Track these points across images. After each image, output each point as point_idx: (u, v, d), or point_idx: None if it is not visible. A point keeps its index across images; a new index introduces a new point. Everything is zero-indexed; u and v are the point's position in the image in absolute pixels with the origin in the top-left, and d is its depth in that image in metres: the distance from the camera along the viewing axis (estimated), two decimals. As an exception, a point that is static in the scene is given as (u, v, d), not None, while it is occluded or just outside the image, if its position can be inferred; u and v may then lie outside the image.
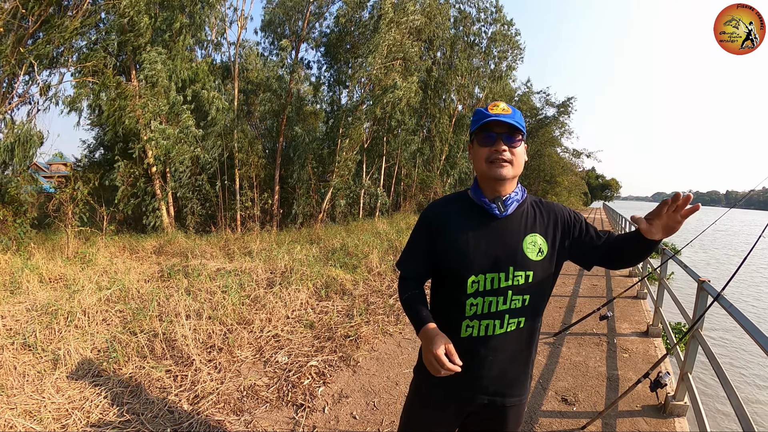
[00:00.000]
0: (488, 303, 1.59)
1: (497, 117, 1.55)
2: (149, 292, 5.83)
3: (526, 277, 1.59)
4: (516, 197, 1.65)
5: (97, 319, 4.83)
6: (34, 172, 10.96)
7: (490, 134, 1.57)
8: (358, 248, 10.04)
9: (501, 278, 1.58)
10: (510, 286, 1.58)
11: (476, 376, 1.63)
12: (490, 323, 1.59)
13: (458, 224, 1.67)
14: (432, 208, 1.79)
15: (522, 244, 1.61)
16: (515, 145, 1.59)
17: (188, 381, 3.87)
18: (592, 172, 72.12)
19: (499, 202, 1.62)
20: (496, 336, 1.60)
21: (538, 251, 1.61)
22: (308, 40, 18.08)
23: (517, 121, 1.57)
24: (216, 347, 4.59)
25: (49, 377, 3.69)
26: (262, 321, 5.37)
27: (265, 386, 3.97)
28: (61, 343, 4.16)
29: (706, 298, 3.77)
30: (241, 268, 7.67)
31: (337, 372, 4.38)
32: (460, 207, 1.71)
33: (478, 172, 1.66)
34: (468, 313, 1.60)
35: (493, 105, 1.61)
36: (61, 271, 6.67)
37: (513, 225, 1.63)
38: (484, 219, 1.65)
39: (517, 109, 1.63)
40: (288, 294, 6.25)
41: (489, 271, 1.59)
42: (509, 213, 1.64)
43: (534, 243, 1.62)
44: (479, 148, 1.61)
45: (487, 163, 1.59)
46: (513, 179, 1.63)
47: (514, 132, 1.58)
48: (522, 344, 1.67)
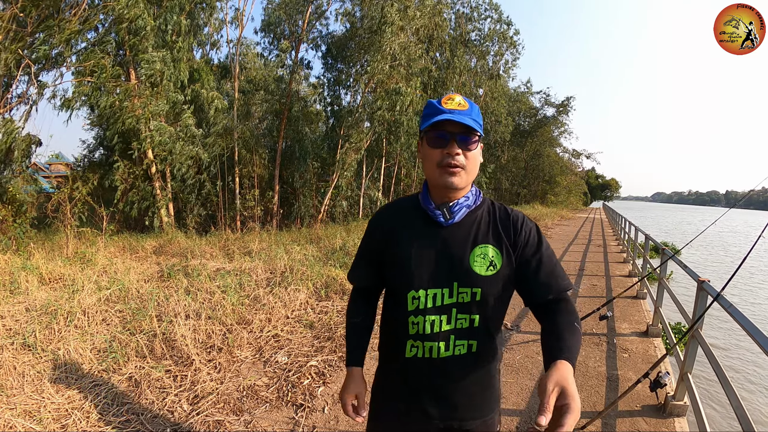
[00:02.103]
0: (430, 322, 1.41)
1: (452, 115, 1.33)
2: (149, 292, 5.82)
3: (472, 294, 1.39)
4: (466, 203, 1.44)
5: (96, 319, 4.83)
6: (33, 173, 10.97)
7: (443, 134, 1.36)
8: (358, 248, 10.03)
9: (444, 295, 1.40)
10: (454, 304, 1.40)
11: (427, 399, 1.47)
12: (434, 345, 1.41)
13: (402, 233, 1.49)
14: (380, 214, 1.61)
15: (469, 256, 1.39)
16: (471, 148, 1.38)
17: (188, 381, 3.86)
18: (591, 172, 72.17)
19: (445, 208, 1.43)
20: (443, 359, 1.42)
21: (489, 265, 1.39)
22: (308, 40, 18.09)
23: (474, 119, 1.37)
24: (216, 347, 4.59)
25: (49, 377, 3.69)
26: (262, 321, 5.37)
27: (264, 386, 3.97)
28: (60, 343, 4.17)
29: (706, 298, 3.77)
30: (241, 268, 7.68)
31: (337, 372, 4.37)
32: (408, 213, 1.51)
33: (428, 177, 1.45)
34: (411, 332, 1.43)
35: (447, 98, 1.40)
36: (61, 271, 6.67)
37: (460, 234, 1.42)
38: (430, 228, 1.45)
39: (474, 104, 1.42)
40: (288, 294, 6.25)
41: (431, 286, 1.40)
42: (456, 221, 1.43)
43: (484, 255, 1.40)
44: (429, 149, 1.40)
45: (438, 168, 1.38)
46: (466, 186, 1.42)
47: (470, 132, 1.37)
48: (477, 369, 1.46)
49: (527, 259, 1.41)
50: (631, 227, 13.06)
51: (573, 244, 16.55)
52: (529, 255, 1.41)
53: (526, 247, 1.42)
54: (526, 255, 1.41)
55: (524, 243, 1.42)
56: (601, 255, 13.97)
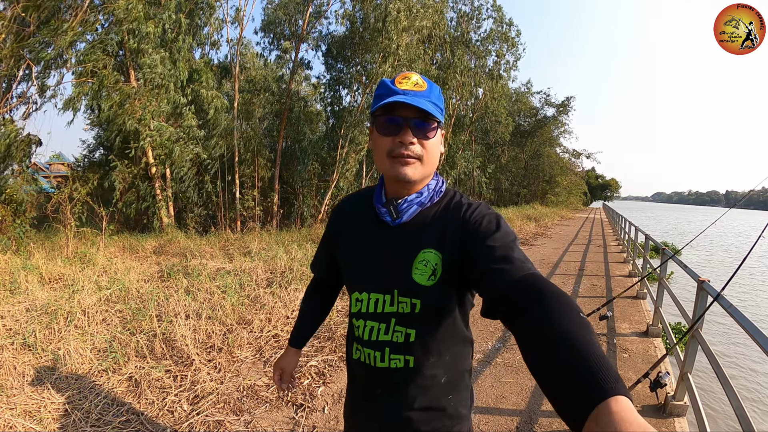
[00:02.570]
0: (369, 328, 1.29)
1: (405, 97, 1.15)
2: (149, 292, 5.82)
3: (412, 305, 1.23)
4: (418, 199, 1.26)
5: (96, 319, 4.83)
6: (33, 173, 10.97)
7: (394, 119, 1.18)
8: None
9: (386, 302, 1.27)
10: (394, 314, 1.26)
11: (370, 404, 1.36)
12: (371, 353, 1.29)
13: (350, 230, 1.39)
14: (339, 205, 1.51)
15: (412, 262, 1.22)
16: (428, 136, 1.20)
17: (188, 381, 3.86)
18: (591, 172, 72.22)
19: (392, 206, 1.26)
20: (379, 369, 1.29)
21: (431, 274, 1.20)
22: (310, 39, 18.08)
23: (433, 101, 1.19)
24: (216, 347, 4.59)
25: (49, 377, 3.70)
26: (262, 321, 5.37)
27: (264, 386, 3.97)
28: (60, 343, 4.17)
29: (706, 298, 3.77)
30: (241, 268, 7.68)
31: (337, 372, 4.37)
32: (362, 208, 1.39)
33: (378, 168, 1.28)
34: (355, 334, 1.35)
35: (403, 77, 1.21)
36: (61, 271, 6.67)
37: (406, 237, 1.26)
38: (378, 227, 1.31)
39: (434, 84, 1.24)
40: (287, 294, 6.25)
41: (372, 290, 1.29)
42: (405, 220, 1.26)
43: (426, 262, 1.21)
44: (379, 137, 1.22)
45: (388, 159, 1.20)
46: (422, 180, 1.25)
47: (428, 118, 1.18)
48: (420, 388, 1.28)
49: (473, 249, 1.12)
50: (631, 227, 13.07)
51: (573, 244, 16.54)
52: (477, 245, 1.12)
53: (474, 239, 1.14)
54: (473, 246, 1.13)
55: (471, 236, 1.15)
56: (601, 255, 13.97)
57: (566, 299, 0.84)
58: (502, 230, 1.12)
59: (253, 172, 16.54)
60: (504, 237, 1.09)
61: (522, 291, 0.92)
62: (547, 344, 0.75)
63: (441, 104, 1.23)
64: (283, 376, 1.68)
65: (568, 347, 0.72)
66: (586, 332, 0.74)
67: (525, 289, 0.92)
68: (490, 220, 1.16)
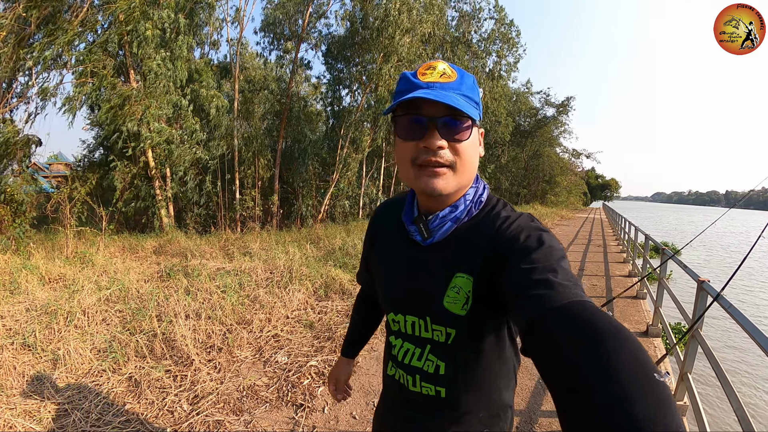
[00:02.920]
0: (405, 350, 1.17)
1: (430, 91, 0.94)
2: (149, 292, 5.82)
3: (446, 335, 1.07)
4: (452, 215, 1.06)
5: (96, 319, 4.83)
6: (33, 173, 10.97)
7: (418, 119, 0.96)
8: (358, 248, 10.02)
9: (422, 326, 1.12)
10: (429, 340, 1.11)
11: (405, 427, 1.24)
12: (404, 375, 1.18)
13: (382, 244, 1.26)
14: (375, 213, 1.36)
15: (444, 288, 1.04)
16: (460, 137, 0.97)
17: (188, 381, 3.86)
18: (591, 172, 72.30)
19: (422, 224, 1.08)
20: (412, 392, 1.17)
21: (464, 302, 1.02)
22: (311, 38, 18.09)
23: (465, 94, 0.97)
24: (215, 347, 4.59)
25: (49, 377, 3.70)
26: (262, 321, 5.37)
27: (264, 386, 3.97)
28: (60, 343, 4.16)
29: (706, 298, 3.77)
30: (241, 268, 7.67)
31: (337, 372, 4.38)
32: (394, 219, 1.21)
33: (403, 179, 1.07)
34: (392, 352, 1.23)
35: (427, 67, 1.00)
36: (61, 271, 6.67)
37: (437, 259, 1.07)
38: (409, 245, 1.13)
39: (466, 72, 1.01)
40: (287, 294, 6.25)
41: (408, 312, 1.14)
42: (437, 240, 1.08)
43: (458, 289, 1.02)
44: (401, 142, 1.01)
45: (413, 168, 1.00)
46: (457, 192, 1.04)
47: (459, 115, 0.95)
48: (454, 420, 1.15)
49: (506, 271, 0.91)
50: (630, 227, 13.07)
51: (573, 244, 16.55)
52: (511, 265, 0.90)
53: (508, 258, 0.92)
54: (507, 268, 0.91)
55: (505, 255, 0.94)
56: (601, 255, 13.97)
57: (634, 346, 0.61)
58: (545, 247, 0.89)
59: (253, 172, 16.55)
60: (546, 256, 0.87)
61: (563, 324, 0.70)
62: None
63: (476, 97, 1.01)
64: (338, 386, 1.64)
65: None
66: (666, 414, 0.51)
67: (569, 323, 0.70)
68: (529, 234, 0.94)
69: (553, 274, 0.81)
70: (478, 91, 1.02)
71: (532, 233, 0.94)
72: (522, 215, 1.03)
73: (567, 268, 0.84)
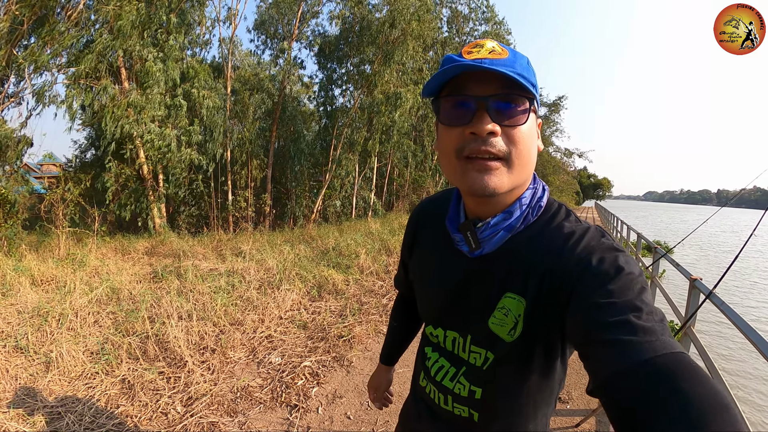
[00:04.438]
0: (439, 366, 1.07)
1: (477, 63, 0.78)
2: (141, 294, 5.80)
3: (484, 359, 0.95)
4: (506, 222, 0.90)
5: (89, 321, 4.80)
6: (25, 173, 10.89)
7: (464, 102, 0.81)
8: (351, 248, 10.02)
9: (461, 344, 1.00)
10: (465, 362, 1.00)
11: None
12: (435, 392, 1.08)
13: (426, 248, 1.13)
14: (416, 212, 1.22)
15: (492, 307, 0.91)
16: (517, 120, 0.81)
17: (181, 383, 3.86)
18: (584, 172, 72.56)
19: (469, 232, 0.92)
20: (444, 409, 1.07)
21: (512, 327, 0.88)
22: (301, 39, 18.06)
23: (519, 73, 0.79)
24: (209, 348, 4.59)
25: (42, 380, 3.68)
26: (255, 322, 5.37)
27: (258, 387, 3.97)
28: (53, 345, 4.14)
29: (698, 295, 3.81)
30: (234, 268, 7.65)
31: (331, 372, 4.38)
32: (439, 221, 1.06)
33: (447, 175, 0.89)
34: (425, 363, 1.13)
35: (473, 45, 0.84)
36: (53, 272, 6.62)
37: (487, 274, 0.93)
38: (453, 255, 1.00)
39: (519, 52, 0.84)
40: (281, 294, 6.25)
41: (450, 327, 1.03)
42: (486, 252, 0.92)
43: (506, 311, 0.89)
44: (444, 129, 0.86)
45: (458, 160, 0.84)
46: (512, 191, 0.87)
47: (513, 95, 0.80)
48: None
49: (577, 305, 0.76)
50: (623, 226, 13.14)
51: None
52: (582, 298, 0.76)
53: (579, 288, 0.77)
54: (577, 300, 0.77)
55: (574, 284, 0.79)
56: (594, 254, 14.00)
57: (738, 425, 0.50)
58: (624, 275, 0.74)
59: (246, 172, 16.50)
60: (626, 288, 0.72)
61: (654, 385, 0.57)
62: None
63: (532, 78, 0.83)
64: (377, 394, 1.61)
65: None
66: None
67: (661, 385, 0.57)
68: (603, 257, 0.78)
69: (636, 313, 0.67)
70: (534, 72, 0.86)
71: (607, 255, 0.79)
72: (590, 228, 0.87)
73: (650, 303, 0.71)
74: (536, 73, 0.87)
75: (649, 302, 0.71)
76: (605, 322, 0.67)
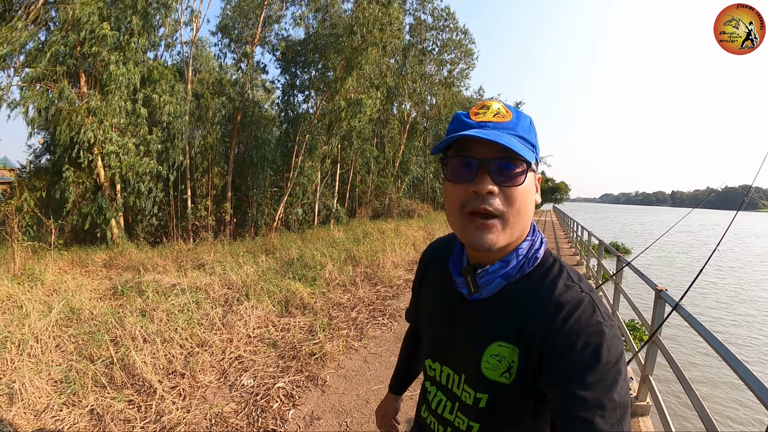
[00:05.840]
0: (438, 400, 1.15)
1: (480, 131, 0.88)
2: (102, 314, 5.57)
3: (476, 399, 1.02)
4: (503, 270, 0.98)
5: (50, 346, 4.60)
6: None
7: (469, 161, 0.90)
8: (315, 259, 9.92)
9: (455, 381, 1.08)
10: (458, 398, 1.08)
11: None
12: (435, 423, 1.16)
13: (431, 286, 1.23)
14: (426, 253, 1.33)
15: (482, 352, 0.99)
16: (514, 182, 0.90)
17: (153, 411, 3.75)
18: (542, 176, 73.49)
19: (469, 276, 1.01)
20: None
21: (505, 371, 0.96)
22: (265, 43, 17.85)
23: (521, 135, 0.91)
24: (178, 372, 4.47)
25: (7, 413, 3.51)
26: (223, 341, 5.27)
27: (233, 412, 3.90)
28: (15, 374, 3.95)
29: (664, 306, 3.93)
30: (196, 284, 7.42)
31: (306, 393, 4.34)
32: (444, 262, 1.18)
33: (452, 226, 0.99)
34: (427, 397, 1.21)
35: (480, 106, 0.95)
36: (8, 291, 6.28)
37: (481, 318, 1.02)
38: (453, 294, 1.09)
39: (523, 113, 0.96)
40: (246, 311, 6.14)
41: (446, 364, 1.12)
42: (483, 296, 1.01)
43: (500, 357, 0.97)
44: (449, 185, 0.95)
45: (460, 215, 0.93)
46: (508, 245, 0.97)
47: (511, 158, 0.89)
48: None
49: (553, 380, 0.88)
50: (583, 231, 13.41)
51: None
52: (558, 379, 0.86)
53: (556, 368, 0.87)
54: (554, 378, 0.87)
55: (552, 361, 0.88)
56: (554, 260, 14.22)
57: None
58: (601, 366, 0.82)
59: (207, 180, 16.17)
60: (599, 381, 0.81)
61: None
62: None
63: (532, 139, 0.94)
64: (384, 420, 1.67)
65: None
66: None
67: None
68: (587, 342, 0.84)
69: (602, 411, 0.79)
70: (534, 132, 0.95)
71: (591, 340, 0.84)
72: (582, 299, 0.91)
73: (618, 395, 0.82)
74: (537, 133, 0.98)
75: (616, 396, 0.81)
76: (575, 415, 0.80)
